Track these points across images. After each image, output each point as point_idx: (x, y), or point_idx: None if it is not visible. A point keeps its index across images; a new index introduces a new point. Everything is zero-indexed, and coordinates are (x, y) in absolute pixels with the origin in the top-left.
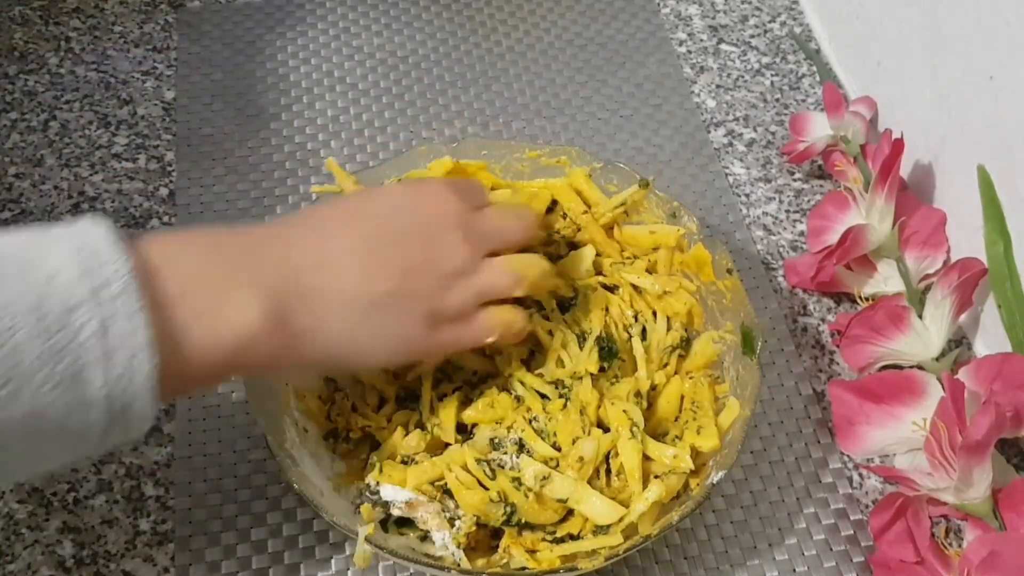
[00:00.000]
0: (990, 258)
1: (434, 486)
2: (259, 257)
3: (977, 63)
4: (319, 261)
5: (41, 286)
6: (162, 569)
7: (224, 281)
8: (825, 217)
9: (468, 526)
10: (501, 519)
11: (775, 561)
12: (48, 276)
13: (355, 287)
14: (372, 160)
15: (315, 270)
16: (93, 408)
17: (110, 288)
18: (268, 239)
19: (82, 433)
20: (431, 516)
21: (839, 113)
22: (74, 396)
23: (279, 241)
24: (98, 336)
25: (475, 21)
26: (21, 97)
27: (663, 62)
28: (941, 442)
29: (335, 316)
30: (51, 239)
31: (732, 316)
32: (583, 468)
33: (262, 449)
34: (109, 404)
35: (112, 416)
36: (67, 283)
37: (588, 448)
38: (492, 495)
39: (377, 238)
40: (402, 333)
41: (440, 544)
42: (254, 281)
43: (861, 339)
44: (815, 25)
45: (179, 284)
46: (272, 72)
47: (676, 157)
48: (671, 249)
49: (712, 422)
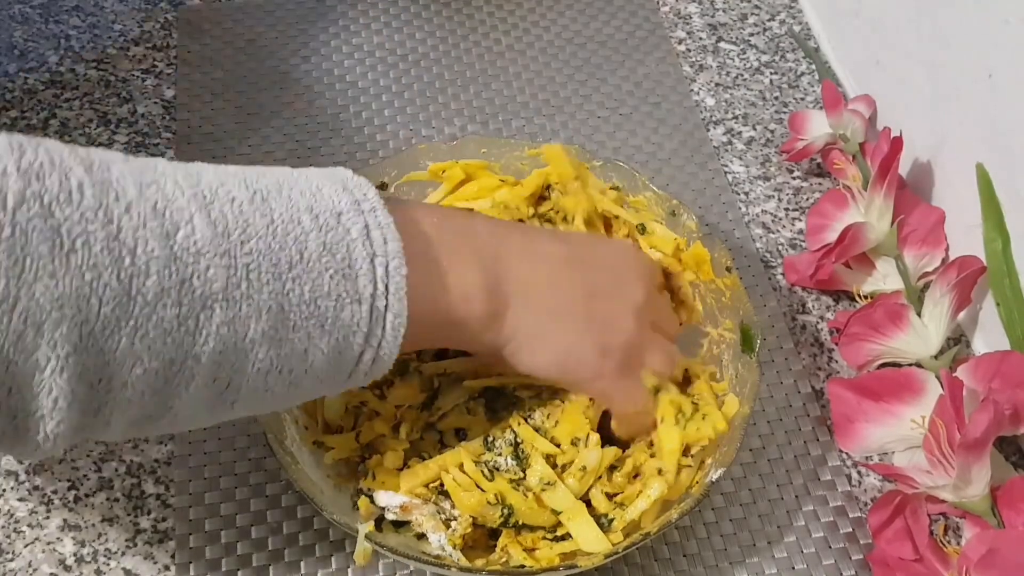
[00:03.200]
0: (989, 256)
1: (428, 488)
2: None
3: (976, 61)
4: (527, 254)
5: (311, 195)
6: (162, 567)
7: (452, 246)
8: (824, 215)
9: (464, 528)
10: (498, 520)
11: (774, 558)
12: (315, 188)
13: (550, 281)
14: (372, 158)
15: (522, 260)
16: (362, 305)
17: (367, 202)
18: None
19: (349, 335)
20: (426, 518)
21: (838, 111)
22: (348, 287)
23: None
24: (363, 238)
25: (475, 19)
26: (21, 95)
27: (662, 60)
28: (940, 440)
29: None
30: (305, 171)
31: (731, 314)
32: (584, 478)
33: (262, 447)
34: (373, 303)
35: (374, 319)
36: (331, 194)
37: (592, 458)
38: (489, 497)
39: (576, 258)
40: (575, 344)
41: (437, 545)
42: (474, 255)
43: (860, 337)
44: (814, 23)
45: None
46: (272, 70)
47: (675, 155)
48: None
49: (716, 408)
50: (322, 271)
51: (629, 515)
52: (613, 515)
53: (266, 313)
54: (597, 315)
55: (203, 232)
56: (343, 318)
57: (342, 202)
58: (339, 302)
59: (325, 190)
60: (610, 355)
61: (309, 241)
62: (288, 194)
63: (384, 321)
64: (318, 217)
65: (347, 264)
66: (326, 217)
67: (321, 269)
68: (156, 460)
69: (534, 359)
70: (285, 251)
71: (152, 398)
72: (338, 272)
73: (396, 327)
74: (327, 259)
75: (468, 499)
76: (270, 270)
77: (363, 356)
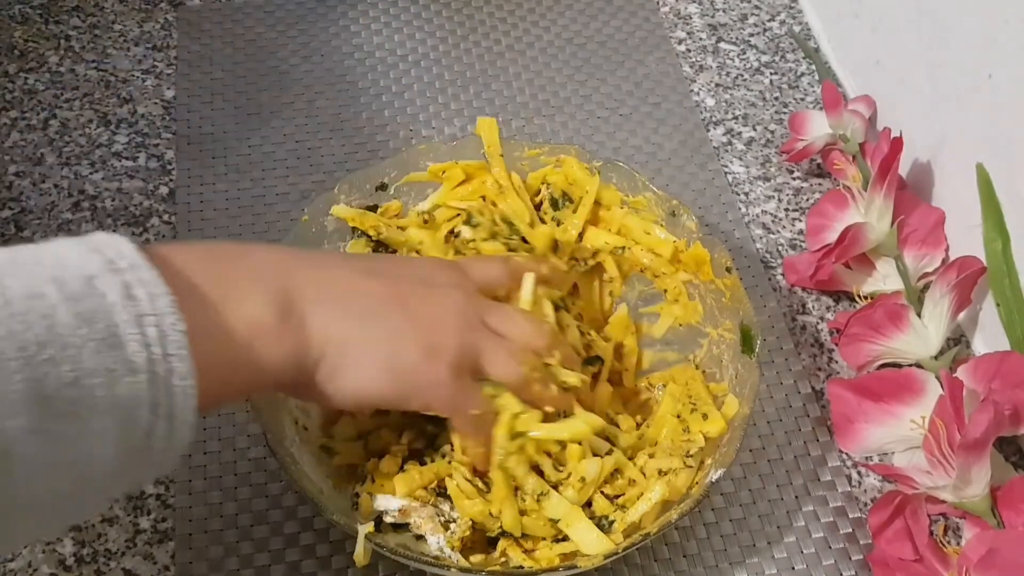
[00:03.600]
0: (989, 256)
1: (427, 490)
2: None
3: (976, 61)
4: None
5: (53, 265)
6: (162, 567)
7: (225, 277)
8: (824, 215)
9: (463, 530)
10: (497, 530)
11: (774, 559)
12: (59, 257)
13: (348, 287)
14: (372, 158)
15: (312, 269)
16: (138, 375)
17: (123, 259)
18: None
19: (132, 412)
20: (425, 521)
21: (838, 112)
22: (116, 358)
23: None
24: (124, 298)
25: (474, 20)
26: (21, 95)
27: (662, 60)
28: (940, 440)
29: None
30: (50, 242)
31: (731, 314)
32: (584, 489)
33: (262, 447)
34: (151, 370)
35: (156, 387)
36: (79, 259)
37: (591, 469)
38: (493, 508)
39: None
40: (399, 346)
41: (436, 547)
42: (253, 277)
43: (860, 337)
44: (814, 24)
45: (183, 279)
46: (272, 70)
47: (675, 155)
48: (666, 261)
49: (714, 408)
50: (80, 346)
51: (630, 517)
52: (614, 517)
53: (23, 407)
54: (414, 315)
55: None
56: (119, 394)
57: (92, 265)
58: (110, 377)
59: (71, 255)
60: (440, 355)
61: (58, 315)
62: (26, 268)
63: (170, 387)
64: (64, 286)
65: (110, 333)
66: (75, 285)
67: (79, 344)
68: None
69: (357, 374)
70: (31, 331)
71: None
72: (102, 343)
73: (186, 391)
74: (84, 331)
75: (471, 507)
76: (17, 356)
77: (155, 431)
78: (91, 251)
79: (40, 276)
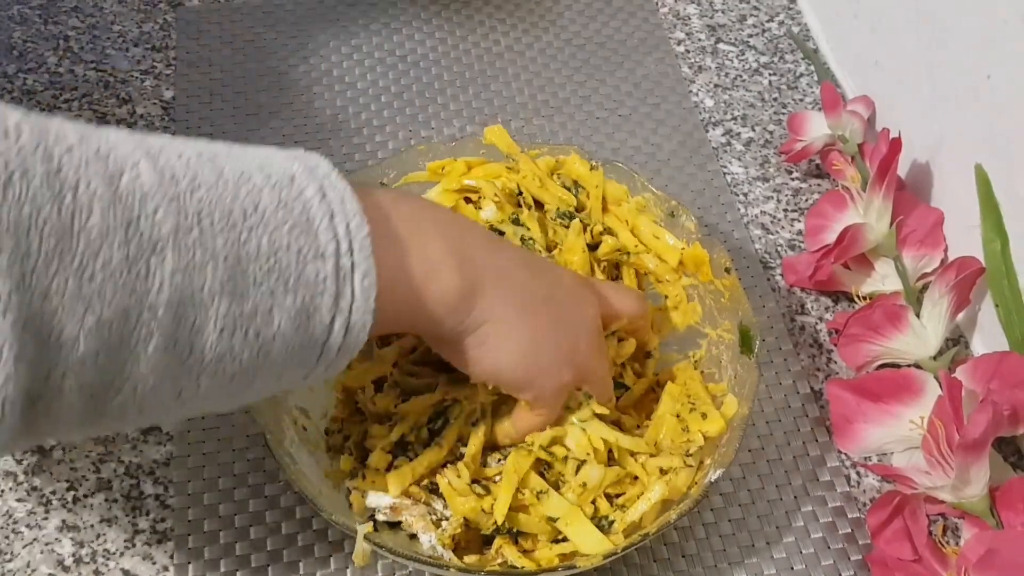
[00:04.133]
0: (987, 257)
1: (419, 486)
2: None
3: (974, 62)
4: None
5: (264, 160)
6: (161, 567)
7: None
8: (823, 216)
9: (454, 528)
10: (491, 528)
11: (773, 559)
12: (268, 155)
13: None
14: (371, 159)
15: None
16: (326, 262)
17: (320, 168)
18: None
19: (315, 296)
20: (416, 519)
21: (837, 112)
22: (309, 241)
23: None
24: (319, 197)
25: (474, 20)
26: (20, 96)
27: (661, 61)
28: (939, 440)
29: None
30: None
31: (730, 315)
32: (584, 495)
33: (261, 447)
34: (338, 260)
35: (341, 277)
36: (284, 161)
37: (594, 476)
38: (485, 505)
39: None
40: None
41: (428, 546)
42: (438, 228)
43: (859, 338)
44: (813, 25)
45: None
46: (271, 71)
47: (674, 156)
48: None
49: (713, 407)
50: (279, 224)
51: (630, 517)
52: (614, 517)
53: (222, 263)
54: (558, 320)
55: (149, 177)
56: (307, 275)
57: (294, 167)
58: (301, 257)
59: (277, 156)
60: (569, 364)
61: (263, 196)
62: (239, 157)
63: (352, 281)
64: (270, 176)
65: (305, 219)
66: (279, 177)
67: (278, 223)
68: (155, 461)
69: (499, 353)
70: (238, 202)
71: (107, 358)
72: (296, 226)
73: (367, 288)
74: (283, 213)
75: (463, 504)
76: (223, 219)
77: (334, 324)
78: (294, 158)
79: (250, 164)
